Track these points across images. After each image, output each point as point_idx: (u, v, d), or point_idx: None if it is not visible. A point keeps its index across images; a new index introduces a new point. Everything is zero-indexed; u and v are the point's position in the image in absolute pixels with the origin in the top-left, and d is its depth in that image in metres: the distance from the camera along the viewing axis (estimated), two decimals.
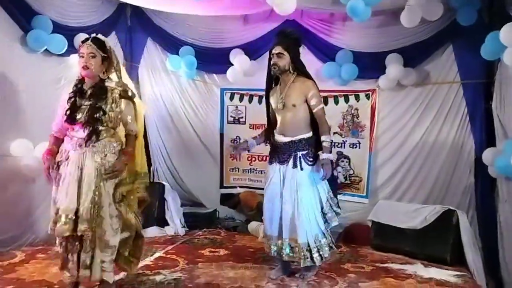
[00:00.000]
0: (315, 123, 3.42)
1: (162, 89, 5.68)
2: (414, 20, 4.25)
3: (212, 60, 5.48)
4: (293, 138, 3.40)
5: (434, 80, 4.81)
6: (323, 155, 3.33)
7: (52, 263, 3.65)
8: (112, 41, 5.15)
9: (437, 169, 4.81)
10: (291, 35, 3.47)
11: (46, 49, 4.22)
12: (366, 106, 5.03)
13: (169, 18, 5.39)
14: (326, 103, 5.08)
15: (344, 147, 5.15)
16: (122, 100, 2.99)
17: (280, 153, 3.46)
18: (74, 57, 4.54)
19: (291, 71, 3.41)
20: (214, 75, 5.59)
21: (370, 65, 4.95)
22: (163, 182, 5.32)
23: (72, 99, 2.94)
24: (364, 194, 5.08)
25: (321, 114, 3.39)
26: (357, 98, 5.06)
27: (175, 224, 4.97)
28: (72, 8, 4.55)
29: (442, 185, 4.79)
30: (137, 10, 5.33)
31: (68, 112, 2.91)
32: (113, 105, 2.93)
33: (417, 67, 4.81)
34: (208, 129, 5.68)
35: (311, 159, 3.40)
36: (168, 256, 4.05)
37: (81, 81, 2.99)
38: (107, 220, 2.87)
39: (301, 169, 3.36)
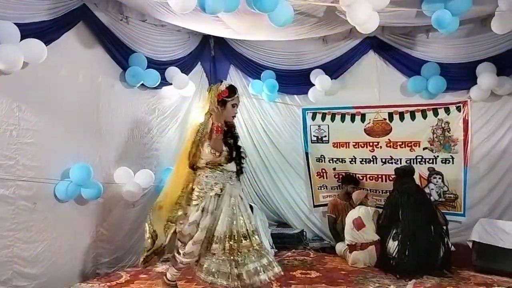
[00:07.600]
0: None
1: (245, 112, 5.80)
2: (507, 26, 3.98)
3: (293, 81, 5.53)
4: None
5: None
6: None
7: (154, 283, 3.87)
8: (197, 71, 5.47)
9: None
10: None
11: (142, 83, 4.54)
12: (458, 119, 4.77)
13: (250, 45, 5.55)
14: (413, 117, 4.95)
15: (436, 163, 4.89)
16: None
17: None
18: (165, 89, 4.88)
19: None
20: (295, 96, 5.63)
21: (459, 76, 4.72)
22: (251, 204, 5.40)
23: (228, 141, 3.30)
24: (461, 212, 4.78)
25: None
26: (447, 111, 4.82)
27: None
28: (164, 44, 4.87)
29: None
30: (220, 40, 5.55)
31: (228, 151, 3.28)
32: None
33: None
34: (292, 149, 5.68)
35: None
36: None
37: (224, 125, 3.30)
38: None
39: None
